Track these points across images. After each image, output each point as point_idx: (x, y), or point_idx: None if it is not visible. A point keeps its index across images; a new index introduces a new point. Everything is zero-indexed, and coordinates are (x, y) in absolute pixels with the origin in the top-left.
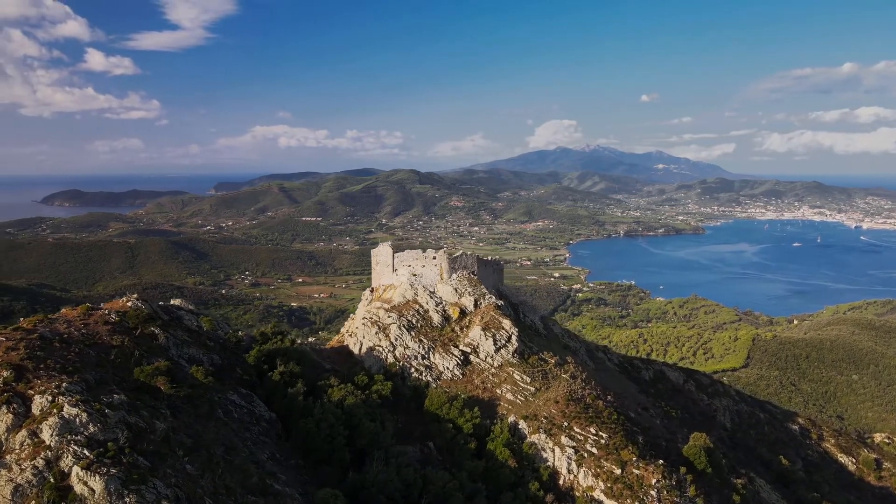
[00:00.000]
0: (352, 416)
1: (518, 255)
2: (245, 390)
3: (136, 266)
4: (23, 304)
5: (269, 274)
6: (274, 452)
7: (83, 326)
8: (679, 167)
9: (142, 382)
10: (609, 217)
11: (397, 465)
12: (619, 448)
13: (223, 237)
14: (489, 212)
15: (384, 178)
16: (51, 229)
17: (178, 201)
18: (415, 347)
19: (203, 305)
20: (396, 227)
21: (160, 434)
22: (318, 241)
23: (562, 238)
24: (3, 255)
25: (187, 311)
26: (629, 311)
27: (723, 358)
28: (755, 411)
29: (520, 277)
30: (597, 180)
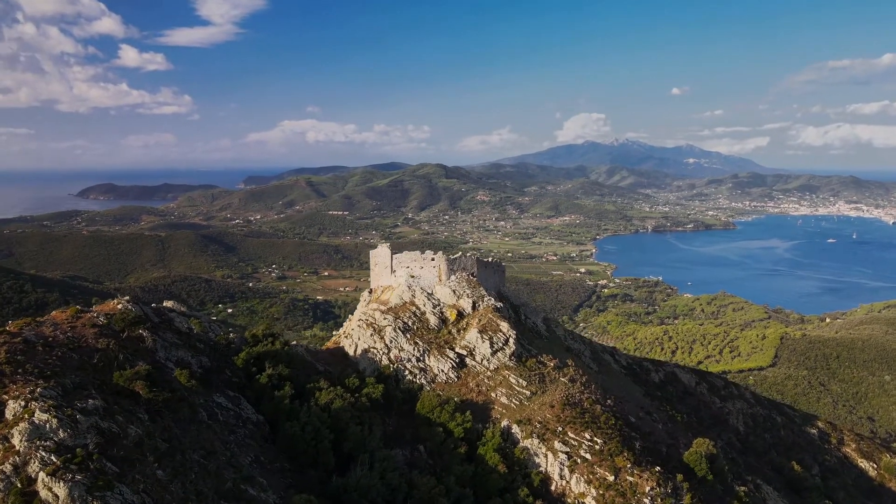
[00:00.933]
0: (338, 420)
1: (544, 249)
2: (233, 393)
3: (166, 259)
4: (56, 295)
5: (296, 267)
6: (258, 455)
7: (70, 329)
8: (710, 161)
9: (121, 387)
10: (637, 212)
11: (382, 469)
12: (613, 454)
13: (251, 231)
14: (515, 206)
15: (411, 173)
16: (86, 222)
17: (209, 195)
18: (409, 350)
19: (230, 298)
20: (422, 222)
21: (133, 439)
22: (344, 235)
23: (588, 233)
24: (39, 247)
25: (179, 313)
26: (655, 308)
27: (749, 357)
28: (772, 414)
29: (545, 272)
30: (625, 175)
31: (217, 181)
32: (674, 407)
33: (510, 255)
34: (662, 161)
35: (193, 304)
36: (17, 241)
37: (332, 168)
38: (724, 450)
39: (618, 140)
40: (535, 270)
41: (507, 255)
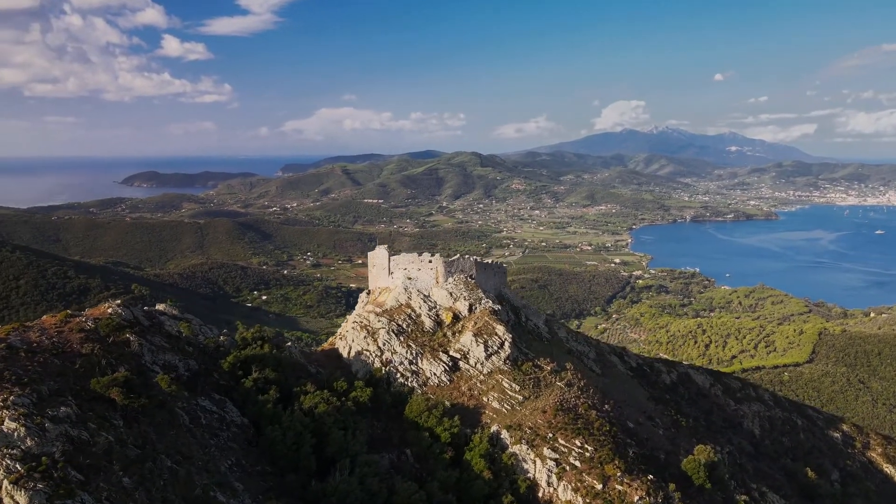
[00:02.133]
0: (321, 424)
1: (579, 239)
2: (219, 396)
3: (205, 246)
4: (97, 281)
5: (330, 255)
6: (240, 459)
7: (56, 334)
8: (753, 149)
9: (99, 393)
10: (675, 201)
11: (362, 474)
12: (604, 462)
13: (287, 218)
14: (551, 195)
15: (445, 161)
16: (129, 209)
17: (247, 183)
18: (402, 352)
19: (265, 285)
20: (456, 210)
21: (101, 447)
22: (378, 223)
23: (624, 223)
24: (84, 233)
25: (171, 316)
26: (691, 300)
27: (785, 352)
28: (792, 417)
29: (579, 262)
30: (664, 163)
31: (255, 169)
32: (681, 410)
33: (544, 244)
34: (703, 149)
35: (230, 291)
36: (64, 227)
37: (367, 156)
38: (733, 455)
39: (657, 128)
40: (568, 260)
41: (540, 245)
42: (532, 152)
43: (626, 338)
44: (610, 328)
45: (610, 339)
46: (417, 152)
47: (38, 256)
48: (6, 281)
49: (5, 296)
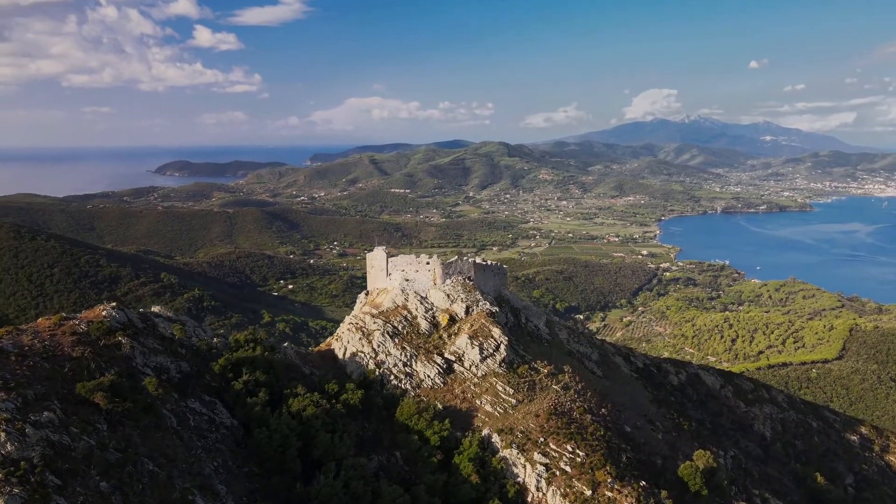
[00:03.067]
0: (308, 427)
1: (606, 230)
2: (209, 398)
3: (233, 234)
4: (128, 269)
5: (356, 244)
6: (227, 460)
7: (49, 338)
8: (789, 139)
9: (84, 397)
10: (706, 192)
11: (346, 477)
12: (594, 467)
13: (314, 208)
14: (578, 185)
15: (473, 151)
16: (161, 198)
17: (276, 172)
18: (396, 354)
19: (291, 275)
20: (483, 200)
21: (82, 451)
22: (405, 213)
23: (653, 214)
24: (117, 222)
25: (165, 318)
26: (719, 293)
27: (814, 348)
28: (807, 419)
29: (606, 254)
30: (695, 153)
31: (284, 158)
32: (686, 413)
33: (571, 235)
34: (736, 139)
35: (256, 280)
36: (98, 215)
37: (395, 146)
38: (737, 459)
39: (689, 117)
40: (595, 252)
41: (567, 236)
42: (560, 142)
43: (651, 331)
44: (635, 321)
45: (635, 333)
46: (445, 142)
47: (72, 245)
48: (41, 269)
49: (40, 283)
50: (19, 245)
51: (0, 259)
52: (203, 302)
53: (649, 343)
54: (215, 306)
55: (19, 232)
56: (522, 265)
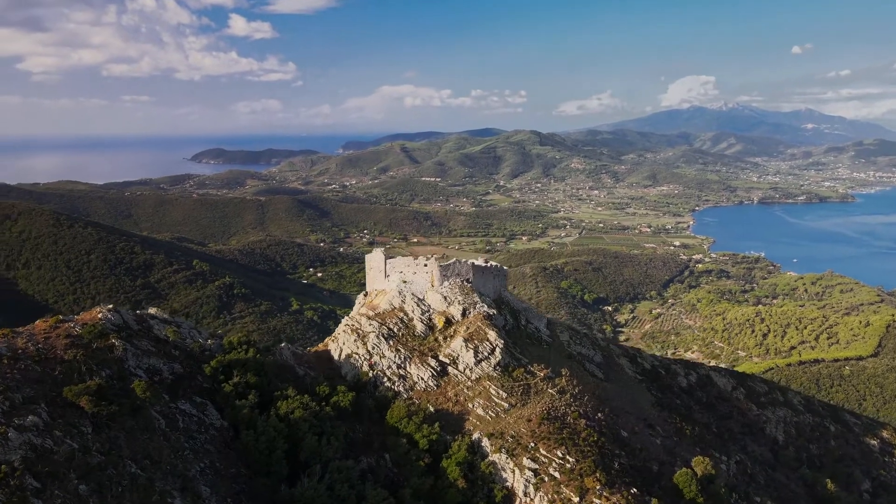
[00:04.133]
0: (296, 430)
1: (638, 221)
2: (200, 399)
3: (265, 222)
4: (161, 257)
5: (386, 233)
6: (214, 461)
7: (43, 340)
8: (831, 127)
9: (70, 400)
10: (742, 182)
11: (331, 480)
12: (584, 474)
13: (345, 196)
14: (611, 175)
15: (504, 139)
16: (196, 185)
17: (308, 160)
18: (390, 357)
19: (320, 262)
20: (514, 189)
21: (63, 454)
22: (435, 202)
23: (687, 204)
24: (153, 209)
25: (161, 319)
26: (753, 286)
27: (849, 345)
28: (824, 422)
29: (637, 245)
30: (732, 142)
31: (317, 146)
32: (691, 416)
33: (601, 225)
34: (776, 127)
35: (286, 268)
36: (135, 202)
37: (426, 134)
38: (742, 465)
39: (727, 104)
40: (625, 242)
41: (598, 226)
42: (593, 130)
43: (681, 323)
44: (665, 313)
45: (664, 325)
46: (476, 130)
47: (108, 232)
48: (79, 255)
49: (78, 269)
50: (58, 232)
51: (40, 245)
52: (233, 289)
53: (678, 336)
54: (245, 294)
55: (58, 219)
56: (552, 255)
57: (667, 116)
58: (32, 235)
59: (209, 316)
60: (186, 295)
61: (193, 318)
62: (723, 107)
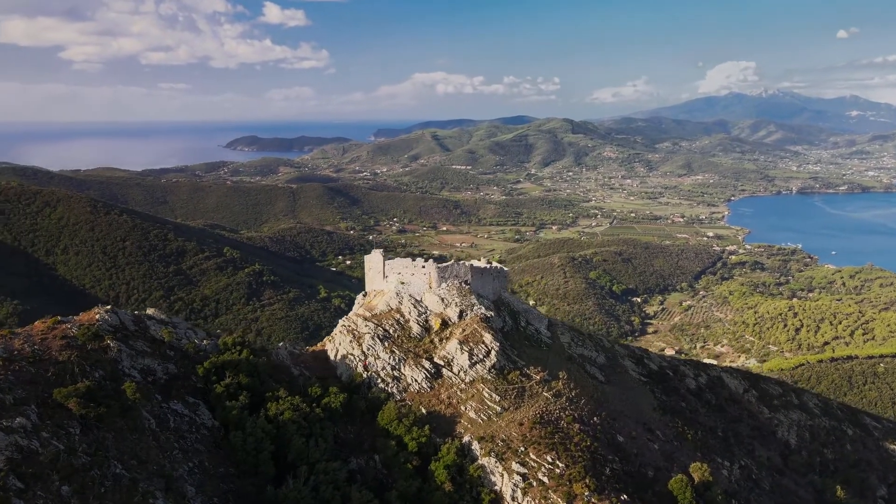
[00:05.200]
0: (284, 431)
1: (671, 210)
2: (193, 399)
3: (296, 210)
4: (193, 244)
5: (416, 221)
6: (203, 461)
7: (40, 342)
8: (877, 114)
9: (60, 402)
10: (781, 172)
11: (317, 482)
12: (573, 479)
13: (376, 184)
14: (644, 163)
15: (536, 127)
16: (230, 172)
17: (340, 148)
18: (385, 358)
19: (349, 250)
20: (545, 178)
21: (48, 455)
22: (465, 190)
23: (722, 194)
24: (188, 196)
25: (158, 320)
26: (788, 279)
27: (885, 341)
28: (841, 426)
29: (668, 235)
30: (772, 130)
31: (349, 134)
32: (696, 420)
33: (633, 215)
34: (818, 114)
35: (315, 255)
36: (171, 189)
37: (458, 121)
38: (747, 470)
39: (767, 91)
40: (657, 232)
41: (629, 215)
42: (627, 118)
43: (711, 316)
44: (695, 305)
45: (693, 318)
46: (508, 118)
47: (143, 219)
48: (115, 242)
49: (113, 255)
50: (95, 219)
51: (78, 232)
52: (262, 276)
53: (708, 329)
54: (274, 281)
55: (95, 206)
56: (581, 245)
57: (704, 103)
58: (70, 222)
59: (238, 303)
60: (217, 282)
61: (224, 304)
62: (763, 93)
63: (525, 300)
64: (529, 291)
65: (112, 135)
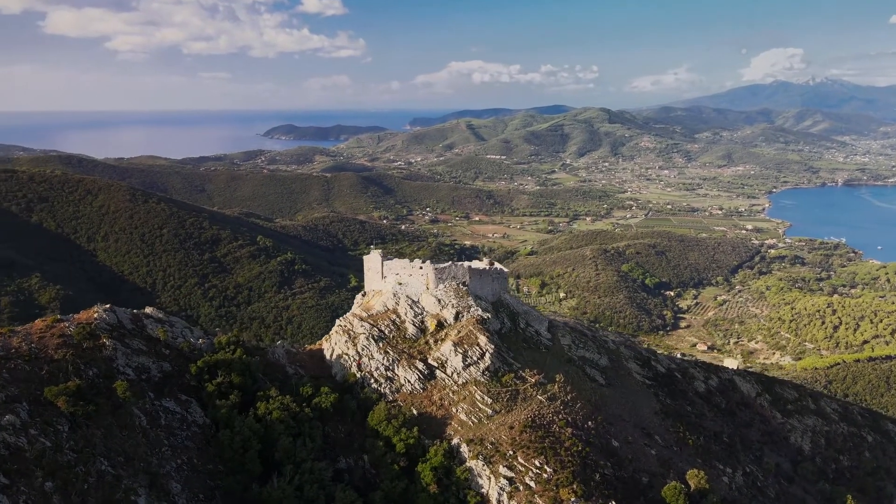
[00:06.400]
0: (271, 430)
1: (709, 202)
2: (185, 397)
3: (330, 198)
4: (228, 232)
5: (448, 211)
6: (192, 458)
7: (38, 340)
8: None
9: (49, 400)
10: (826, 163)
11: (301, 481)
12: (560, 484)
13: (410, 173)
14: (683, 154)
15: (572, 117)
16: (267, 161)
17: (375, 137)
18: (379, 358)
19: (381, 240)
20: (580, 168)
21: (34, 452)
22: (499, 180)
23: (764, 186)
24: (225, 184)
25: (156, 319)
26: (830, 274)
27: None
28: (861, 433)
29: (705, 228)
30: (818, 119)
31: (385, 123)
32: (700, 425)
33: (669, 206)
34: (869, 103)
35: (348, 244)
36: (208, 178)
37: (494, 111)
38: (751, 477)
39: (814, 79)
40: (694, 225)
41: (665, 207)
42: (666, 107)
43: (746, 312)
44: (730, 300)
45: (728, 313)
46: (544, 107)
47: (179, 207)
48: (152, 230)
49: (151, 242)
50: (134, 207)
51: (117, 219)
52: (294, 265)
53: (742, 325)
54: (305, 270)
55: (134, 195)
56: (614, 237)
57: (747, 92)
58: (111, 210)
59: (270, 291)
60: (250, 270)
61: (256, 292)
62: (810, 81)
63: (556, 292)
64: (560, 283)
65: (155, 123)
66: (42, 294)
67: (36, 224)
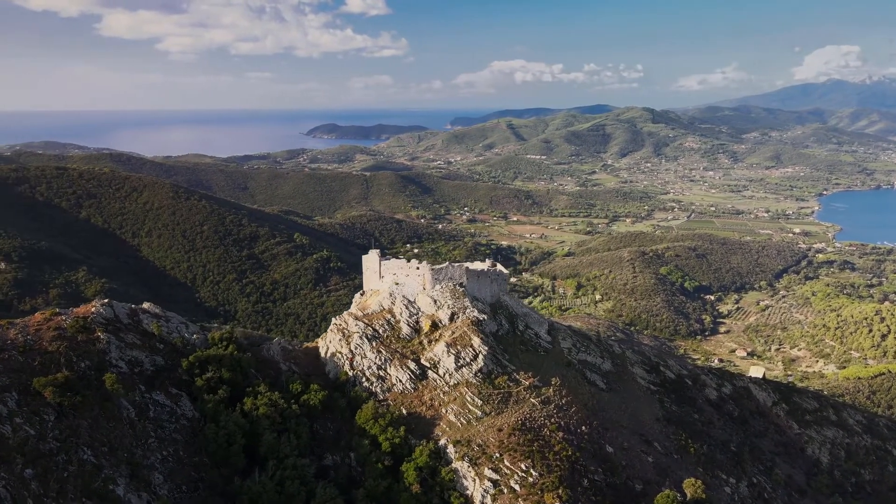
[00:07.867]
0: (256, 426)
1: (755, 205)
2: (176, 390)
3: (369, 197)
4: (266, 229)
5: (486, 211)
6: (179, 450)
7: (34, 332)
8: None
9: (38, 390)
10: (882, 164)
11: (283, 477)
12: (545, 489)
13: (448, 172)
14: (728, 155)
15: (614, 117)
16: (309, 160)
17: (416, 136)
18: (371, 357)
19: (417, 239)
20: (621, 169)
21: (17, 440)
22: (538, 180)
23: (814, 188)
24: (267, 182)
25: (152, 314)
26: (882, 280)
27: None
28: (885, 446)
29: (750, 231)
30: (875, 119)
31: (426, 122)
32: (701, 433)
33: (713, 208)
34: None
35: (384, 243)
36: (251, 176)
37: (535, 110)
38: (758, 488)
39: (871, 77)
40: (738, 228)
41: (709, 209)
42: (713, 107)
43: (790, 318)
44: (773, 306)
45: (770, 318)
46: (586, 107)
47: (220, 205)
48: (193, 226)
49: (192, 238)
50: (176, 204)
51: (160, 216)
52: (330, 263)
53: (785, 331)
54: (340, 268)
55: (177, 192)
56: (654, 239)
57: (799, 91)
58: (154, 206)
59: (306, 287)
60: (286, 266)
61: (292, 288)
62: (867, 80)
63: (592, 293)
64: (596, 285)
65: (203, 122)
66: (88, 287)
67: (84, 219)
